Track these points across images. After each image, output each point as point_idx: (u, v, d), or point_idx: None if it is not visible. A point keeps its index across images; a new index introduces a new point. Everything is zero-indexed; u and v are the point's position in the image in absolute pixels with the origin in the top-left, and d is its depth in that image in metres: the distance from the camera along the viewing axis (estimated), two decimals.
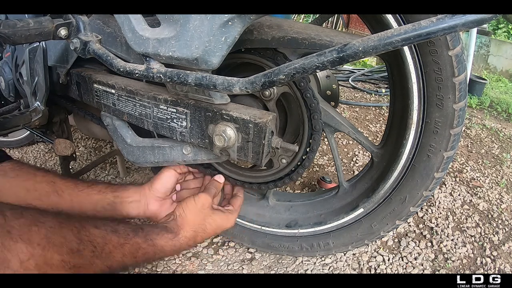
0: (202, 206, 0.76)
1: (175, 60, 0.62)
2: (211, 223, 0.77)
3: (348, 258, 1.01)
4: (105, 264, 0.59)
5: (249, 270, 0.99)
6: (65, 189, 0.77)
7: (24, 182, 0.76)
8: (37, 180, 0.77)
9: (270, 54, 0.75)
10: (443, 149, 0.71)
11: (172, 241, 0.70)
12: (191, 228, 0.74)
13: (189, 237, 0.73)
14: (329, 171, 1.52)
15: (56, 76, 0.97)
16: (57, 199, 0.76)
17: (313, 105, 0.76)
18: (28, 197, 0.74)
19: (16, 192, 0.74)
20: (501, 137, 2.01)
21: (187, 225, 0.73)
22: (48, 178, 0.78)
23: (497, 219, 1.21)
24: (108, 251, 0.60)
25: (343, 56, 0.46)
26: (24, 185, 0.75)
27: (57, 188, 0.77)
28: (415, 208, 0.80)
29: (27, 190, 0.75)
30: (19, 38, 0.65)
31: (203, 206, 0.76)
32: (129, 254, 0.63)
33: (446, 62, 0.63)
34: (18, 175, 0.76)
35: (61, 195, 0.76)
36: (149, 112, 0.78)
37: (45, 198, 0.75)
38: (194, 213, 0.75)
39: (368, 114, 2.22)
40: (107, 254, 0.59)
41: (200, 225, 0.76)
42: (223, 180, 0.86)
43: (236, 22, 0.55)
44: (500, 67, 4.73)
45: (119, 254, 0.61)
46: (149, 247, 0.67)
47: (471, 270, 1.00)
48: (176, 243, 0.71)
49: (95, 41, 0.69)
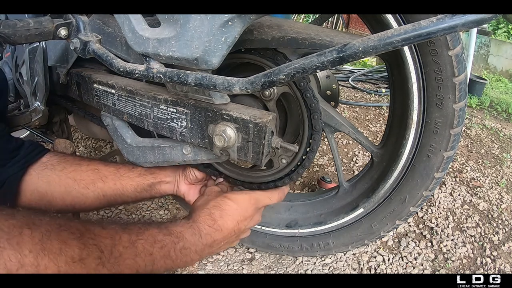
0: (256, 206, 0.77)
1: (175, 60, 0.62)
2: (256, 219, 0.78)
3: (348, 258, 1.01)
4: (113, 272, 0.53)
5: (249, 270, 0.99)
6: (108, 175, 0.82)
7: (71, 173, 0.79)
8: (83, 169, 0.81)
9: (270, 54, 0.75)
10: (443, 149, 0.71)
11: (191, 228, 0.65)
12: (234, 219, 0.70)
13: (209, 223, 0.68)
14: (329, 171, 1.52)
15: (56, 76, 0.97)
16: (102, 185, 0.81)
17: (313, 105, 0.76)
18: (76, 186, 0.78)
19: (65, 183, 0.78)
20: (501, 137, 2.01)
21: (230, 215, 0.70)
22: (92, 166, 0.83)
23: (497, 219, 1.21)
24: (117, 254, 0.53)
25: (343, 56, 0.46)
26: (72, 176, 0.79)
27: (101, 175, 0.82)
28: (415, 208, 0.80)
29: (74, 180, 0.79)
30: (19, 38, 0.65)
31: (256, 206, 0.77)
32: (143, 252, 0.57)
33: (446, 62, 0.63)
34: (65, 167, 0.80)
35: (105, 181, 0.81)
36: (149, 112, 0.78)
37: (91, 186, 0.80)
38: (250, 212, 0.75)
39: (368, 114, 2.22)
40: (116, 258, 0.53)
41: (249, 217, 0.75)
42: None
43: (236, 22, 0.55)
44: (500, 67, 4.73)
45: (131, 254, 0.55)
46: (166, 236, 0.61)
47: (471, 270, 1.00)
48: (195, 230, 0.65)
49: (95, 41, 0.69)
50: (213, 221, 0.68)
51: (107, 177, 0.82)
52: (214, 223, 0.68)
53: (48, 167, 0.79)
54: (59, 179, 0.78)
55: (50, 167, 0.79)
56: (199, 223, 0.67)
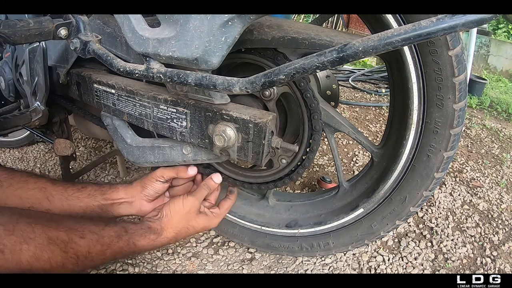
0: (189, 210, 0.78)
1: (175, 60, 0.62)
2: (194, 226, 0.79)
3: (348, 258, 1.01)
4: (82, 268, 0.63)
5: (249, 270, 0.99)
6: (55, 195, 0.79)
7: (17, 190, 0.77)
8: (29, 187, 0.78)
9: (270, 54, 0.75)
10: (443, 149, 0.71)
11: (153, 241, 0.73)
12: (174, 230, 0.76)
13: (170, 237, 0.76)
14: (329, 171, 1.52)
15: (56, 76, 0.97)
16: (48, 205, 0.78)
17: (313, 105, 0.76)
18: (22, 206, 0.76)
19: (11, 202, 0.76)
20: (501, 137, 2.01)
21: (170, 227, 0.76)
22: (39, 184, 0.79)
23: (497, 219, 1.21)
24: (90, 259, 0.63)
25: (343, 56, 0.46)
26: (18, 194, 0.77)
27: (48, 194, 0.79)
28: (415, 208, 0.80)
29: (20, 198, 0.76)
30: (19, 38, 0.65)
31: (190, 210, 0.78)
32: (110, 256, 0.67)
33: (446, 62, 0.63)
34: (11, 184, 0.77)
35: (52, 201, 0.78)
36: (149, 112, 0.78)
37: (37, 205, 0.77)
38: (180, 216, 0.77)
39: (368, 114, 2.22)
40: (88, 260, 0.63)
41: (183, 227, 0.78)
42: (220, 180, 0.85)
43: (236, 22, 0.55)
44: (500, 67, 4.73)
45: (100, 259, 0.65)
46: (130, 249, 0.70)
47: (471, 270, 1.00)
48: (156, 243, 0.74)
49: (95, 41, 0.69)
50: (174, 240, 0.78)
51: (54, 197, 0.79)
52: (175, 241, 0.79)
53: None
54: (6, 197, 0.76)
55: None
56: (162, 240, 0.75)
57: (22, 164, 1.65)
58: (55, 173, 1.55)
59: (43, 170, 1.58)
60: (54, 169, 1.58)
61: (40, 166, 1.62)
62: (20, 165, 1.64)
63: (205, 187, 0.83)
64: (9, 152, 1.76)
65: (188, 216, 0.78)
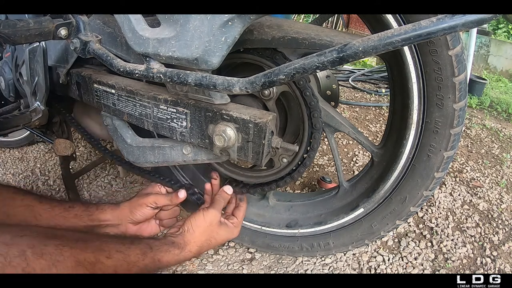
0: (211, 223, 0.78)
1: (175, 60, 0.62)
2: (216, 238, 0.79)
3: (348, 258, 1.01)
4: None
5: (249, 270, 0.99)
6: (42, 213, 0.79)
7: (4, 207, 0.76)
8: (16, 204, 0.78)
9: (270, 54, 0.75)
10: (443, 149, 0.71)
11: (177, 256, 0.73)
12: (197, 243, 0.76)
13: (193, 251, 0.75)
14: (329, 171, 1.52)
15: (56, 76, 0.97)
16: (36, 223, 0.77)
17: (313, 104, 0.76)
18: (9, 222, 0.74)
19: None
20: (501, 137, 2.01)
21: (193, 241, 0.75)
22: (26, 201, 0.79)
23: (497, 219, 1.21)
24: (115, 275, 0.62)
25: (343, 56, 0.46)
26: (5, 210, 0.76)
27: (35, 213, 0.78)
28: (415, 208, 0.80)
29: (8, 215, 0.76)
30: (19, 38, 0.65)
31: (211, 222, 0.78)
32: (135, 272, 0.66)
33: (446, 61, 0.63)
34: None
35: (39, 219, 0.78)
36: (149, 112, 0.78)
37: (24, 223, 0.76)
38: (202, 229, 0.77)
39: (368, 114, 2.22)
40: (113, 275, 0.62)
41: (206, 240, 0.77)
42: (231, 191, 0.87)
43: (236, 22, 0.55)
44: (500, 67, 4.73)
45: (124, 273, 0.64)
46: (155, 265, 0.69)
47: (471, 270, 1.00)
48: (180, 258, 0.73)
49: (95, 41, 0.69)
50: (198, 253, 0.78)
51: (41, 216, 0.78)
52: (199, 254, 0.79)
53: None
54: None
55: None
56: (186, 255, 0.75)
57: (22, 164, 1.65)
58: (55, 173, 1.55)
59: (43, 170, 1.58)
60: (54, 169, 1.58)
61: (40, 166, 1.62)
62: (20, 165, 1.64)
63: (220, 199, 0.84)
64: (9, 152, 1.76)
65: (210, 228, 0.78)
